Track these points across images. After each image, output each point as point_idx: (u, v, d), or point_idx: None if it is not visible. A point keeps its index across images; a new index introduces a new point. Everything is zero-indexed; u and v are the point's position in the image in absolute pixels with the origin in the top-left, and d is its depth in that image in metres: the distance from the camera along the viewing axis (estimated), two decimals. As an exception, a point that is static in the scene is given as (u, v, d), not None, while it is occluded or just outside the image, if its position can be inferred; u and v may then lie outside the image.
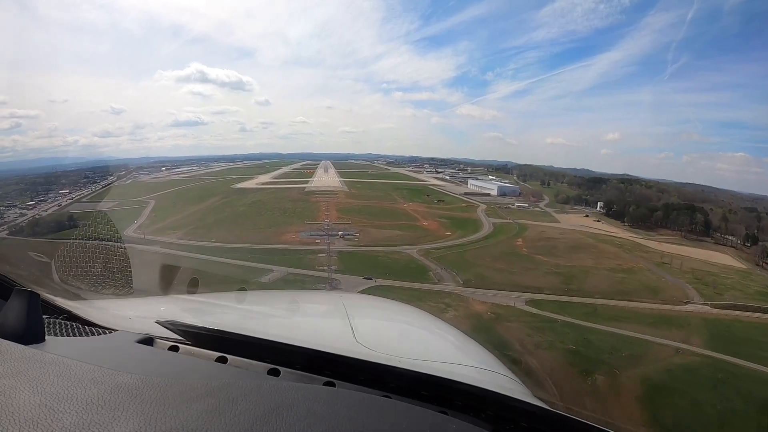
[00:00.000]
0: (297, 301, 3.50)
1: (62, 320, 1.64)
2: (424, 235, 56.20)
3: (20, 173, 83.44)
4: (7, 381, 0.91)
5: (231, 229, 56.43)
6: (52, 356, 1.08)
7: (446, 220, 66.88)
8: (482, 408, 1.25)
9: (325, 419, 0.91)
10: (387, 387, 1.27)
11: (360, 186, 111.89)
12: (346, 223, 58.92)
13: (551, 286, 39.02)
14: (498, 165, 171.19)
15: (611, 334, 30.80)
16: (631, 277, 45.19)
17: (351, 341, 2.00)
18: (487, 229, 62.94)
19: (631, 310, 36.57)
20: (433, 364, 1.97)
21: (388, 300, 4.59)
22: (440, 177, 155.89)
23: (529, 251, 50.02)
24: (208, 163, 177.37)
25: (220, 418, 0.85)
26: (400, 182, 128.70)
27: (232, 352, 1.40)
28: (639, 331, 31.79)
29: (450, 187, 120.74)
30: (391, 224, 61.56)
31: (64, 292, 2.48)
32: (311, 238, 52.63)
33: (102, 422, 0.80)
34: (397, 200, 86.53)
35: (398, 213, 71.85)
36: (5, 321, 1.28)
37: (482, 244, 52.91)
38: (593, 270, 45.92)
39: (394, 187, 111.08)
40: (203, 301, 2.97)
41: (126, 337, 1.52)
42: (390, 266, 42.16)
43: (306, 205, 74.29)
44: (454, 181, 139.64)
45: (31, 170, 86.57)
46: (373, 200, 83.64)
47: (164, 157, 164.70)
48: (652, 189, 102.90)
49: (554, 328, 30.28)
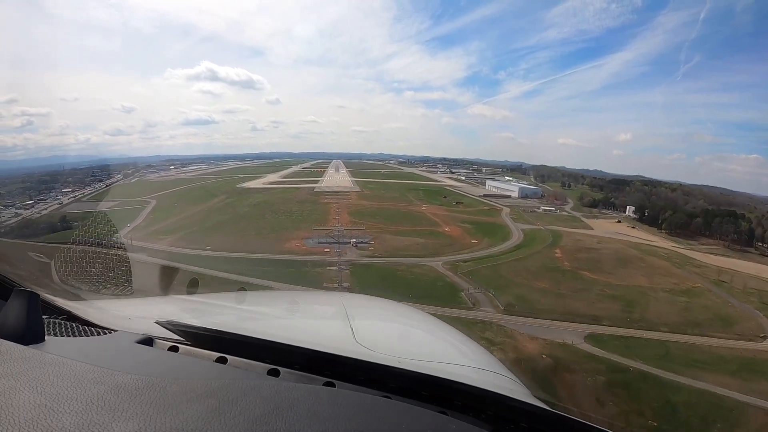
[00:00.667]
0: (297, 301, 3.56)
1: (62, 320, 1.63)
2: (447, 244, 49.51)
3: (30, 171, 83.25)
4: (6, 381, 0.91)
5: (229, 234, 50.49)
6: (52, 356, 1.09)
7: (470, 225, 60.09)
8: (482, 408, 1.25)
9: (324, 419, 0.91)
10: (387, 387, 1.27)
11: (373, 186, 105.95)
12: (359, 228, 52.07)
13: (609, 315, 32.12)
14: (511, 165, 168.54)
15: (696, 393, 23.90)
16: (695, 302, 38.11)
17: (351, 341, 1.95)
18: (517, 236, 55.96)
19: (707, 349, 29.80)
20: (432, 364, 1.92)
21: (388, 300, 4.05)
22: (455, 177, 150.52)
23: (572, 265, 42.99)
24: (218, 162, 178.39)
25: (219, 419, 0.86)
26: (415, 182, 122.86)
27: (231, 353, 1.39)
28: (726, 384, 24.92)
29: (466, 188, 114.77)
30: (410, 230, 54.93)
31: (63, 292, 2.58)
32: (319, 246, 46.28)
33: (102, 422, 0.80)
34: (414, 202, 79.94)
35: (416, 217, 65.14)
36: (5, 321, 1.29)
37: (516, 256, 45.94)
38: (650, 292, 38.83)
39: (408, 188, 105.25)
40: (203, 301, 2.97)
41: (126, 338, 1.51)
42: (413, 284, 35.48)
43: (314, 207, 68.08)
44: (470, 182, 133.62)
45: (40, 168, 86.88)
46: (388, 202, 77.17)
47: (176, 156, 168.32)
48: (677, 192, 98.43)
49: (627, 383, 23.39)
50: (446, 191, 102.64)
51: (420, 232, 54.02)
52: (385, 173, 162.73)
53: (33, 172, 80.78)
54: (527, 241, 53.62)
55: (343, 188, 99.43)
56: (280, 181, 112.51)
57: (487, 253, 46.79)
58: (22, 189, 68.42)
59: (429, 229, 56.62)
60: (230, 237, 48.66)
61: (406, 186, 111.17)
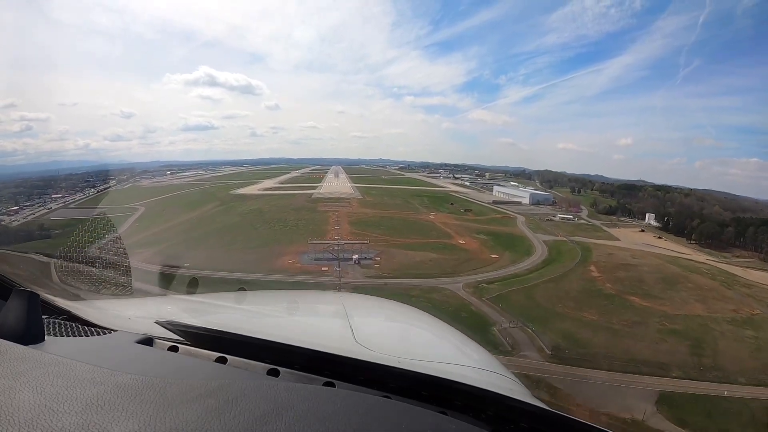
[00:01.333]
0: (297, 301, 3.51)
1: (62, 320, 1.63)
2: (464, 259, 42.91)
3: (28, 176, 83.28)
4: (6, 381, 0.92)
5: (215, 247, 43.96)
6: (52, 356, 1.09)
7: (485, 236, 53.51)
8: (482, 408, 1.25)
9: (324, 419, 0.91)
10: (387, 387, 1.27)
11: (375, 192, 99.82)
12: (361, 241, 45.08)
13: (677, 361, 25.50)
14: (513, 171, 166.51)
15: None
16: (763, 337, 31.36)
17: (350, 341, 1.94)
18: (540, 250, 49.38)
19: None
20: (432, 364, 1.91)
21: (388, 300, 4.02)
22: (459, 183, 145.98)
23: (616, 288, 36.37)
24: (216, 168, 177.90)
25: (219, 419, 0.86)
26: (418, 188, 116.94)
27: (231, 353, 1.39)
28: None
29: (472, 194, 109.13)
30: (419, 242, 48.26)
31: (63, 292, 2.51)
32: (315, 263, 39.63)
33: (101, 422, 0.80)
34: (420, 210, 73.40)
35: (425, 226, 58.45)
36: (5, 321, 1.29)
37: (547, 275, 39.21)
38: (711, 323, 32.25)
39: (412, 194, 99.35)
40: (203, 301, 2.94)
41: (125, 338, 1.51)
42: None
43: (311, 216, 61.43)
44: (476, 188, 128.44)
45: (39, 173, 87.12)
46: (392, 209, 70.66)
47: (175, 161, 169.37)
48: (691, 197, 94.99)
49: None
50: (452, 197, 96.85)
51: (431, 245, 47.39)
52: (387, 178, 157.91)
53: (30, 177, 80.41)
54: (554, 255, 47.06)
55: (343, 194, 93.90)
56: (276, 187, 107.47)
57: (513, 271, 40.17)
58: (13, 194, 66.72)
59: (441, 242, 50.04)
60: (215, 251, 42.10)
61: (409, 192, 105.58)
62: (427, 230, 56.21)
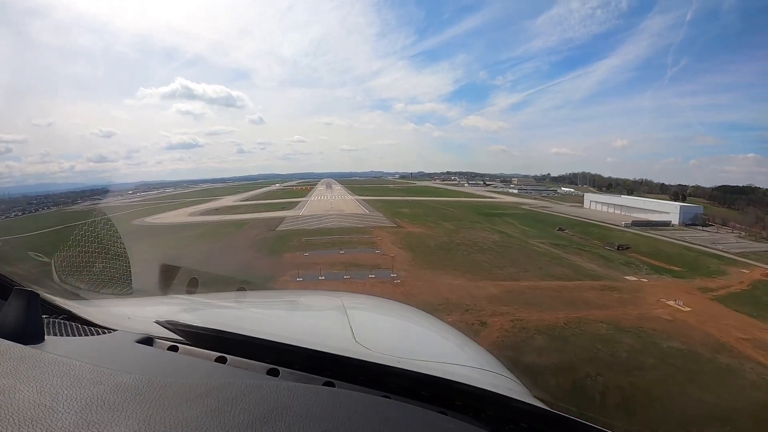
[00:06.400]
0: (296, 301, 3.50)
1: (62, 320, 1.63)
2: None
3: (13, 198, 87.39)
4: (6, 381, 0.92)
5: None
6: (52, 356, 1.09)
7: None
8: (482, 408, 1.24)
9: (324, 419, 0.91)
10: (386, 387, 1.27)
11: (405, 209, 61.53)
12: None
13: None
14: (517, 177, 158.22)
15: None
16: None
17: (350, 341, 1.93)
18: None
19: None
20: (432, 364, 1.90)
21: (388, 300, 3.84)
22: (499, 190, 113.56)
23: None
24: (193, 185, 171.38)
25: (219, 418, 0.86)
26: (459, 200, 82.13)
27: (231, 352, 1.39)
28: None
29: (549, 206, 71.99)
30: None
31: (63, 291, 2.51)
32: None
33: (101, 422, 0.80)
34: (519, 239, 37.50)
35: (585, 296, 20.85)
36: (5, 321, 1.29)
37: None
38: None
39: (468, 209, 62.27)
40: (202, 301, 2.91)
41: (125, 337, 1.50)
42: None
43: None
44: (533, 196, 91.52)
45: (24, 196, 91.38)
46: (476, 252, 32.54)
47: (161, 182, 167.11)
48: None
49: None
50: (540, 215, 60.45)
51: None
52: (396, 188, 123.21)
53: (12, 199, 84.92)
54: None
55: (347, 214, 56.63)
56: (231, 208, 71.67)
57: None
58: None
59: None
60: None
61: (456, 205, 69.82)
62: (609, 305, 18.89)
